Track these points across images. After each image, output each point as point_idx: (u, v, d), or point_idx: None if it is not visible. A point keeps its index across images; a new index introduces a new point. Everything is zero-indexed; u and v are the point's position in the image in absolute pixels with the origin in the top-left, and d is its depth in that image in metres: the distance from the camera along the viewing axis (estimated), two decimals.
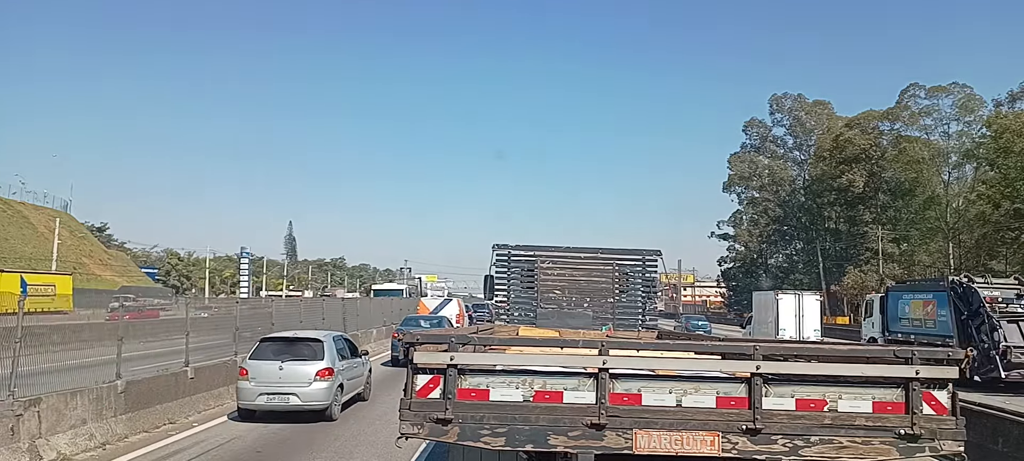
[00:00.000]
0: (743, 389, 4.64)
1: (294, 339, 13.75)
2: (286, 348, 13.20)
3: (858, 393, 4.63)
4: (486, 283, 11.34)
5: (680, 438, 4.59)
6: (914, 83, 67.50)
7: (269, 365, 12.72)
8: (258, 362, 12.86)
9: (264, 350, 13.18)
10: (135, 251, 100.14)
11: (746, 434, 4.56)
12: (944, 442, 4.56)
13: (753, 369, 4.63)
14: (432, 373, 4.77)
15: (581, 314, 11.02)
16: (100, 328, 13.94)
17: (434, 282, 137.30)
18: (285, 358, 12.83)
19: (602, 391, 4.64)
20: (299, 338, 13.85)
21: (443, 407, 4.68)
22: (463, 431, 4.69)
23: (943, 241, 62.47)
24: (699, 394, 4.67)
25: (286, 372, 12.63)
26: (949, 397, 4.60)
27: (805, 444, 4.54)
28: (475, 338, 5.21)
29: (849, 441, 4.55)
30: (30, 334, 9.78)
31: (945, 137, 65.90)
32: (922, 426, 4.54)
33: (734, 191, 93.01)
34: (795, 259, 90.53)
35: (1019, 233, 52.13)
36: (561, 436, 4.64)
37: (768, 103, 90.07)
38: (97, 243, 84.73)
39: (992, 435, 9.95)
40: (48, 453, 9.30)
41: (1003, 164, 52.02)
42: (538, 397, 4.70)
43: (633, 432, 4.61)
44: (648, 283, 11.34)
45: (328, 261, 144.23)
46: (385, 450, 10.37)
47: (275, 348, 13.22)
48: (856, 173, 71.95)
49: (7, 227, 66.64)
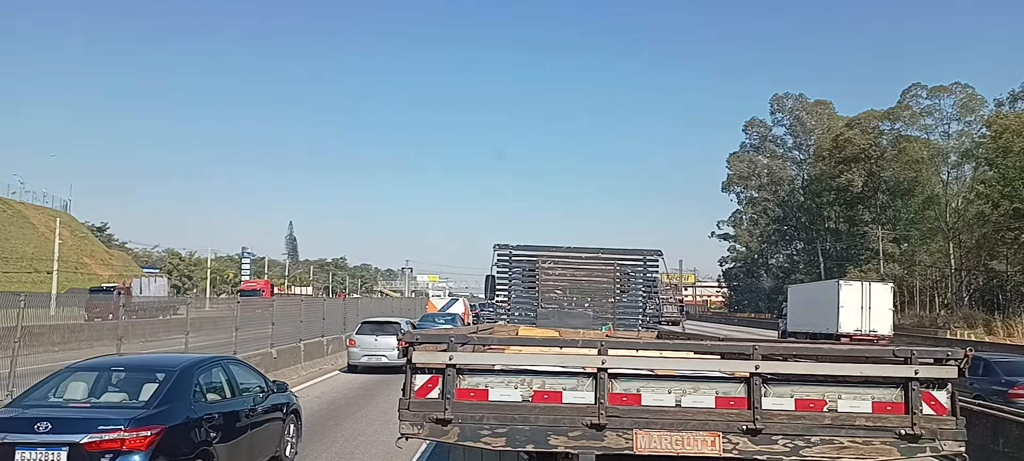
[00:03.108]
0: (743, 389, 4.62)
1: (382, 322, 20.87)
2: (378, 328, 19.93)
3: (858, 393, 4.61)
4: (487, 283, 11.33)
5: (680, 438, 4.57)
6: (916, 83, 67.57)
7: (368, 338, 19.59)
8: (361, 336, 19.79)
9: (364, 328, 20.25)
10: (136, 251, 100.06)
11: (746, 434, 4.54)
12: (945, 442, 4.54)
13: (752, 369, 4.62)
14: (431, 373, 4.74)
15: (581, 314, 11.01)
16: (99, 328, 13.93)
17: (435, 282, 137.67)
18: (378, 334, 19.39)
19: (601, 391, 4.62)
20: (385, 321, 21.22)
21: (442, 407, 4.66)
22: (463, 431, 4.66)
23: (943, 241, 62.41)
24: (699, 394, 4.65)
25: (379, 342, 19.14)
26: (949, 397, 4.59)
27: (805, 444, 4.53)
28: (474, 338, 5.20)
29: (849, 441, 4.53)
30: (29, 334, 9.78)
31: (945, 137, 65.87)
32: (922, 426, 4.52)
33: (733, 191, 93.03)
34: (796, 259, 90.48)
35: (1019, 233, 52.08)
36: (561, 436, 4.61)
37: (769, 103, 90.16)
38: (98, 243, 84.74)
39: (992, 435, 9.87)
40: None
41: (1002, 164, 51.99)
42: (537, 397, 4.68)
43: (633, 432, 4.59)
44: (649, 283, 11.33)
45: (329, 261, 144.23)
46: (385, 449, 10.36)
47: (370, 327, 20.10)
48: (856, 173, 71.93)
49: (7, 227, 66.65)
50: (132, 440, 6.25)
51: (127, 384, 7.29)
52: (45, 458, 6.10)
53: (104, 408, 6.81)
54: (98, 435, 6.16)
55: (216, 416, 7.52)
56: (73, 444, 6.11)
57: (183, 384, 7.30)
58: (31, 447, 6.11)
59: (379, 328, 19.83)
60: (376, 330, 19.70)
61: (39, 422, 6.26)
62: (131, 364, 8.04)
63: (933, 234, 63.60)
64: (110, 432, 6.20)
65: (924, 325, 57.80)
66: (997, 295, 61.25)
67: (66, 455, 6.09)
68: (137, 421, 6.38)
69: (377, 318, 22.45)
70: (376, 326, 20.16)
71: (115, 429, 6.23)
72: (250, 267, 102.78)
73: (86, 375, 7.37)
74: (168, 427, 6.59)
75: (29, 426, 6.23)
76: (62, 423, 6.30)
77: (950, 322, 53.76)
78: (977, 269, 63.05)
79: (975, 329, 48.23)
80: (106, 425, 6.25)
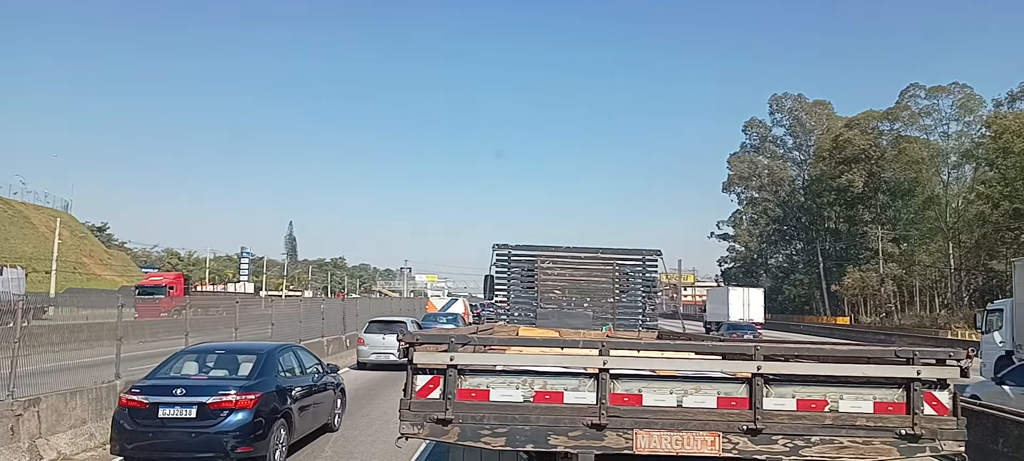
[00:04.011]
0: (744, 389, 4.62)
1: (389, 321, 22.12)
2: (385, 327, 20.77)
3: (859, 393, 4.62)
4: (486, 283, 11.30)
5: (681, 438, 4.57)
6: (914, 83, 67.66)
7: (376, 336, 20.51)
8: (369, 334, 20.86)
9: (372, 327, 21.33)
10: (135, 251, 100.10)
11: (747, 434, 4.54)
12: (945, 442, 4.54)
13: (754, 369, 4.62)
14: (432, 373, 4.74)
15: (581, 314, 10.98)
16: (99, 328, 13.86)
17: (434, 282, 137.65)
18: (385, 332, 20.03)
19: (602, 391, 4.63)
20: (392, 320, 22.37)
21: (443, 407, 4.66)
22: (463, 431, 4.67)
23: (943, 241, 62.44)
24: (700, 394, 4.65)
25: (387, 341, 19.45)
26: (950, 397, 4.59)
27: (806, 444, 4.53)
28: (475, 338, 5.19)
29: (850, 441, 4.53)
30: (29, 334, 9.75)
31: (945, 137, 65.91)
32: (923, 426, 4.52)
33: (734, 191, 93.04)
34: (795, 259, 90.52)
35: (1018, 233, 52.09)
36: (561, 436, 4.62)
37: (768, 103, 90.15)
38: (97, 243, 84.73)
39: (992, 435, 9.84)
40: (48, 453, 9.27)
41: (1002, 164, 52.01)
42: (538, 397, 4.69)
43: (634, 432, 4.60)
44: (648, 283, 11.31)
45: (328, 261, 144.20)
46: (386, 448, 10.35)
47: (378, 327, 21.17)
48: (856, 173, 71.93)
49: (8, 227, 66.65)
50: (241, 402, 8.68)
51: (227, 363, 9.71)
52: (180, 413, 8.52)
53: (217, 380, 9.18)
54: (218, 398, 8.61)
55: (292, 388, 9.93)
56: (201, 403, 8.53)
57: (270, 363, 9.75)
58: (170, 406, 8.52)
59: (386, 327, 20.83)
60: (384, 329, 20.71)
61: (175, 388, 8.73)
62: (227, 348, 10.69)
63: (933, 234, 63.64)
64: (226, 396, 8.65)
65: (924, 325, 57.85)
66: (996, 295, 61.22)
67: (196, 411, 8.49)
68: (243, 388, 8.84)
69: (385, 318, 23.53)
70: (384, 325, 21.23)
71: (228, 394, 8.67)
72: (249, 267, 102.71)
73: (196, 356, 9.94)
74: (263, 394, 8.99)
75: (169, 391, 8.69)
76: (191, 389, 8.74)
77: (950, 322, 53.81)
78: (976, 269, 63.06)
79: (975, 329, 48.23)
80: (223, 390, 8.72)
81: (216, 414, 8.54)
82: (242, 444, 8.60)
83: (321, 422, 11.09)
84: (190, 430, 8.47)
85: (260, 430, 8.80)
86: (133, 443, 8.62)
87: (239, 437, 8.56)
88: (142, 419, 8.55)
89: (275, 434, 9.14)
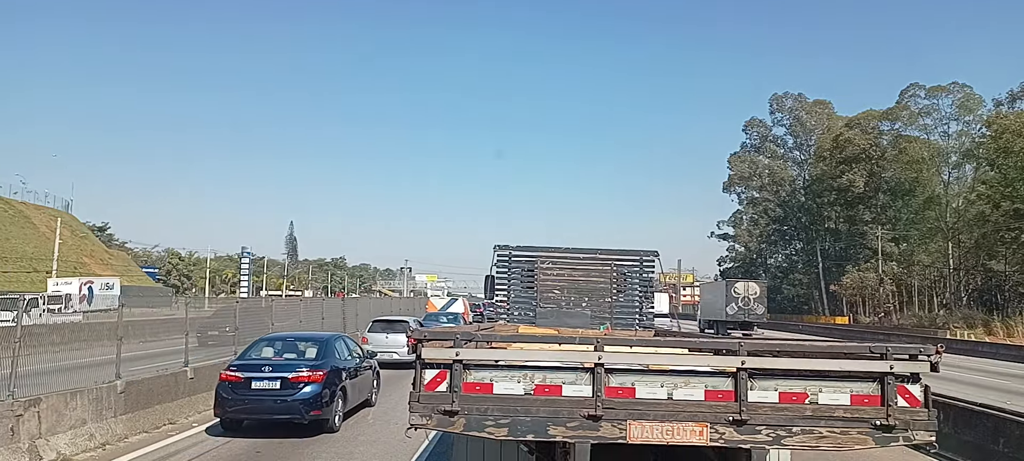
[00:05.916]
0: (730, 383, 4.91)
1: (393, 320, 22.59)
2: (388, 326, 21.36)
3: (837, 387, 4.89)
4: (487, 283, 11.52)
5: (671, 428, 4.86)
6: (914, 83, 67.77)
7: (380, 335, 20.68)
8: (373, 334, 21.04)
9: (375, 327, 21.65)
10: (136, 251, 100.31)
11: (732, 425, 4.83)
12: (917, 432, 4.83)
13: (739, 364, 4.91)
14: (439, 368, 5.03)
15: (579, 313, 11.20)
16: (99, 328, 13.92)
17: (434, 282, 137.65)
18: (388, 332, 20.69)
19: (598, 385, 4.90)
20: (395, 320, 22.89)
21: (450, 399, 4.94)
22: (469, 422, 4.94)
23: (943, 241, 62.56)
24: (689, 388, 4.94)
25: (390, 340, 20.14)
26: (922, 390, 4.89)
27: (787, 434, 4.82)
28: (479, 335, 5.49)
29: (829, 431, 4.82)
30: (29, 334, 9.74)
31: (945, 137, 66.00)
32: (897, 417, 4.80)
33: (734, 191, 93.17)
34: (795, 259, 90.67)
35: (1019, 233, 52.20)
36: (560, 427, 4.90)
37: (768, 103, 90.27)
38: (98, 243, 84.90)
39: (992, 435, 9.98)
40: (48, 453, 9.26)
41: (1003, 164, 52.15)
42: (538, 390, 4.96)
43: (627, 423, 4.88)
44: (645, 283, 11.53)
45: (329, 261, 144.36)
46: (386, 448, 10.63)
47: (382, 326, 21.57)
48: (856, 173, 72.05)
49: (8, 227, 66.85)
50: (313, 376, 11.45)
51: (295, 348, 12.50)
52: (268, 385, 11.29)
53: (292, 360, 11.98)
54: (296, 373, 11.43)
55: (346, 368, 12.67)
56: (284, 377, 11.31)
57: (330, 347, 12.57)
58: (260, 379, 11.31)
59: (390, 326, 21.24)
60: (387, 328, 21.12)
61: (264, 366, 11.59)
62: (294, 336, 13.58)
63: (933, 234, 63.77)
64: (302, 372, 11.47)
65: (923, 325, 57.87)
66: (995, 295, 61.48)
67: (279, 384, 11.25)
68: (313, 367, 11.66)
69: (388, 317, 23.96)
70: (387, 324, 21.64)
71: (303, 371, 11.50)
72: (249, 267, 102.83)
73: (269, 343, 12.84)
74: (328, 371, 11.71)
75: (259, 368, 11.53)
76: (275, 367, 11.60)
77: (949, 322, 53.89)
78: (975, 269, 63.25)
79: (975, 329, 48.42)
80: (299, 367, 11.58)
81: (295, 386, 11.20)
82: (314, 408, 11.21)
83: (364, 397, 13.78)
84: (276, 398, 11.16)
85: (327, 398, 11.44)
86: (233, 407, 11.25)
87: (312, 403, 11.20)
88: (239, 390, 11.21)
89: (336, 403, 11.79)
